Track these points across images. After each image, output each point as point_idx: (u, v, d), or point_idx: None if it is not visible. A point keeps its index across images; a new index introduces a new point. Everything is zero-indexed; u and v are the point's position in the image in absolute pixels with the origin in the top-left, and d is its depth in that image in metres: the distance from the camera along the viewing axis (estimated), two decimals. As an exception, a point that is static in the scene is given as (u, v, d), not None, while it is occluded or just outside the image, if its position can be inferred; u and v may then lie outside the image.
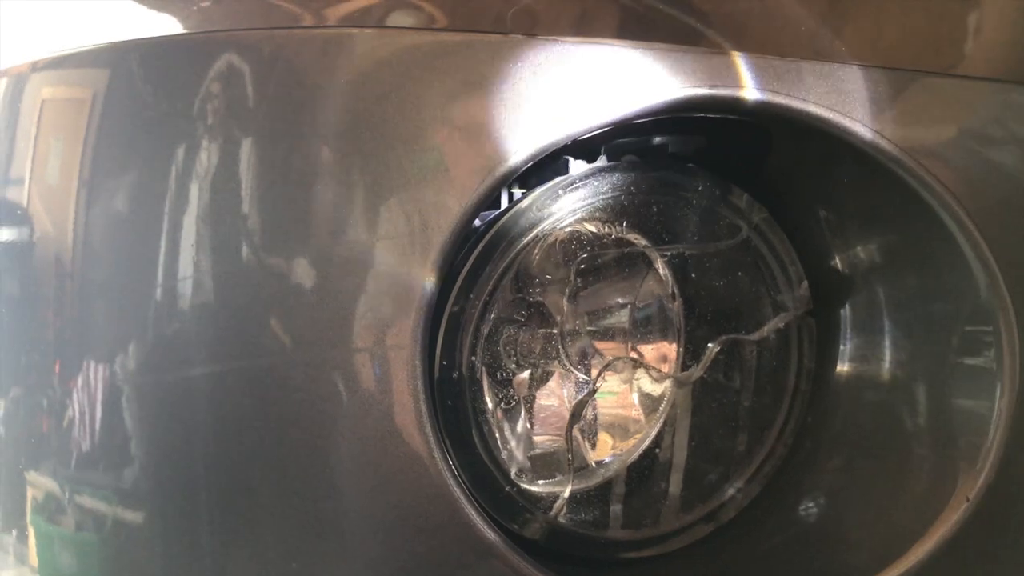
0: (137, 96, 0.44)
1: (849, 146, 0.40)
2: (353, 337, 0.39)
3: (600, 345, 0.44)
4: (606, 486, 0.43)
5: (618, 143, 0.42)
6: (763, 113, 0.40)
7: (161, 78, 0.43)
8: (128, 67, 0.44)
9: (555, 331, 0.43)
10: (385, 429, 0.39)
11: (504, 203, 0.43)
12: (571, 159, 0.42)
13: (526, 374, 0.44)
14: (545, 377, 0.44)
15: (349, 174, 0.40)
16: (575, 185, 0.41)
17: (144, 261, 0.44)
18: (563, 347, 0.43)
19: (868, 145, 0.40)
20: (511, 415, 0.44)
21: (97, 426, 0.47)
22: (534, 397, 0.45)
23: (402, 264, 0.38)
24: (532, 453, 0.44)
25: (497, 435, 0.43)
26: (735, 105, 0.38)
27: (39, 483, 0.52)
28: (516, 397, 0.44)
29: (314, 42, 0.40)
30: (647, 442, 0.45)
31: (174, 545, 0.45)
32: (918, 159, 0.40)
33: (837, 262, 0.47)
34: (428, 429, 0.38)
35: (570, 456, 0.43)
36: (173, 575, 0.44)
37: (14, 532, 0.54)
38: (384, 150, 0.39)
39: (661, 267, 0.41)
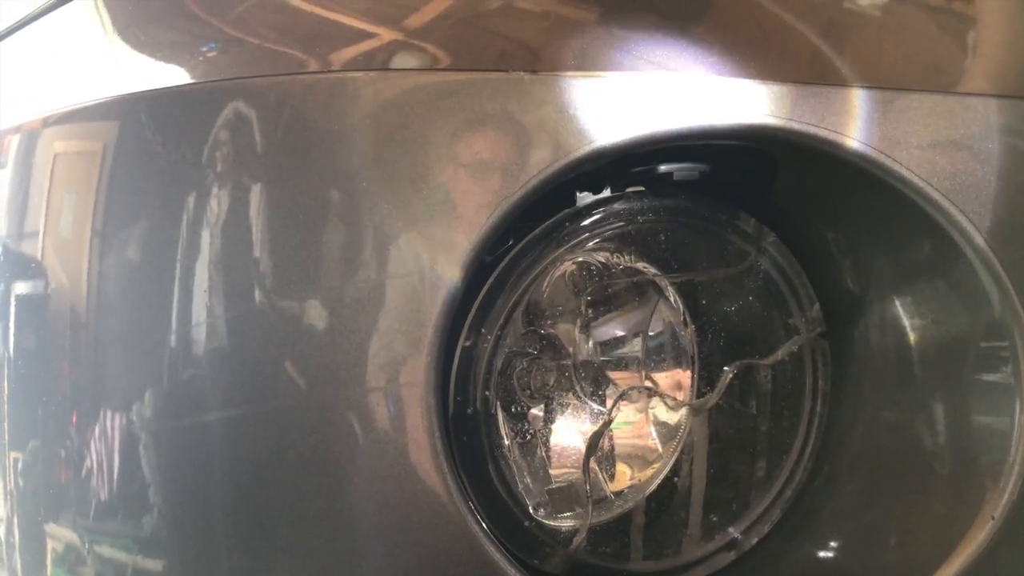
0: (146, 147, 0.45)
1: (854, 168, 0.40)
2: (366, 376, 0.39)
3: (614, 375, 0.44)
4: (626, 517, 0.43)
5: (623, 174, 0.42)
6: (767, 138, 0.40)
7: (169, 128, 0.44)
8: (137, 118, 0.45)
9: (568, 363, 0.43)
10: (401, 468, 0.39)
11: (513, 238, 0.43)
12: (577, 192, 0.42)
13: (541, 407, 0.44)
14: (560, 410, 0.44)
15: (358, 215, 0.40)
16: (582, 217, 0.41)
17: (157, 309, 0.44)
18: (576, 378, 0.43)
19: (873, 166, 0.40)
20: (527, 449, 0.44)
21: (115, 475, 0.47)
22: (550, 430, 0.44)
23: (413, 302, 0.38)
24: (550, 487, 0.44)
25: (514, 469, 0.43)
26: (738, 132, 0.39)
27: (58, 534, 0.52)
28: (532, 431, 0.44)
29: (319, 87, 0.40)
30: (665, 471, 0.45)
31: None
32: (925, 178, 0.40)
33: (848, 282, 0.47)
34: (444, 466, 0.38)
35: (587, 488, 0.43)
36: None
37: (35, 585, 0.54)
38: (392, 190, 0.39)
39: (672, 295, 0.41)
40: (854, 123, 0.39)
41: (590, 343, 0.43)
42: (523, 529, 0.41)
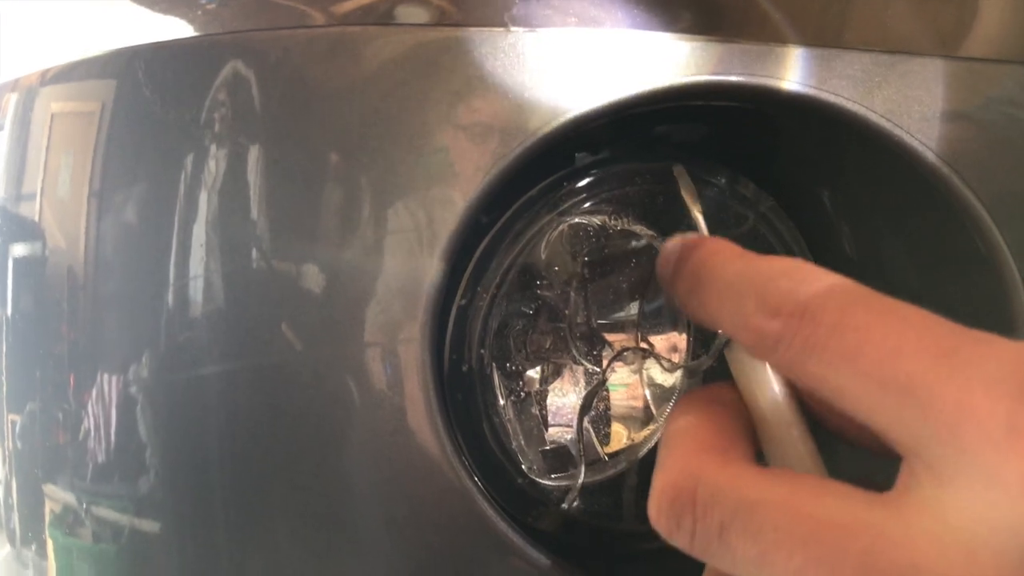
0: (144, 105, 0.44)
1: (855, 132, 0.40)
2: (362, 333, 0.39)
3: (610, 337, 0.44)
4: (619, 478, 0.43)
5: (622, 135, 0.42)
6: (766, 101, 0.40)
7: (168, 85, 0.44)
8: (134, 75, 0.44)
9: (564, 324, 0.43)
10: (396, 424, 0.38)
11: (511, 198, 0.43)
12: (576, 154, 0.42)
13: (537, 369, 0.44)
14: (556, 371, 0.44)
15: (356, 173, 0.40)
16: (580, 177, 0.41)
17: (155, 269, 0.44)
18: (572, 339, 0.42)
19: (874, 131, 0.40)
20: (522, 409, 0.44)
21: (112, 436, 0.47)
22: (546, 392, 0.44)
23: (409, 259, 0.38)
24: (545, 448, 0.44)
25: (508, 428, 0.43)
26: (738, 93, 0.38)
27: (56, 496, 0.52)
28: (527, 390, 0.44)
29: (320, 42, 0.40)
30: (659, 433, 0.45)
31: (190, 548, 0.45)
32: (925, 143, 0.40)
33: (846, 248, 0.47)
34: (439, 422, 0.38)
35: (581, 446, 0.43)
36: (189, 563, 0.44)
37: (33, 546, 0.55)
38: (390, 148, 0.39)
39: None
40: (855, 87, 0.38)
41: (586, 305, 0.42)
42: (516, 487, 0.41)
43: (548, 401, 0.44)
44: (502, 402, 0.42)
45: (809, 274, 0.26)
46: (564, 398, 0.44)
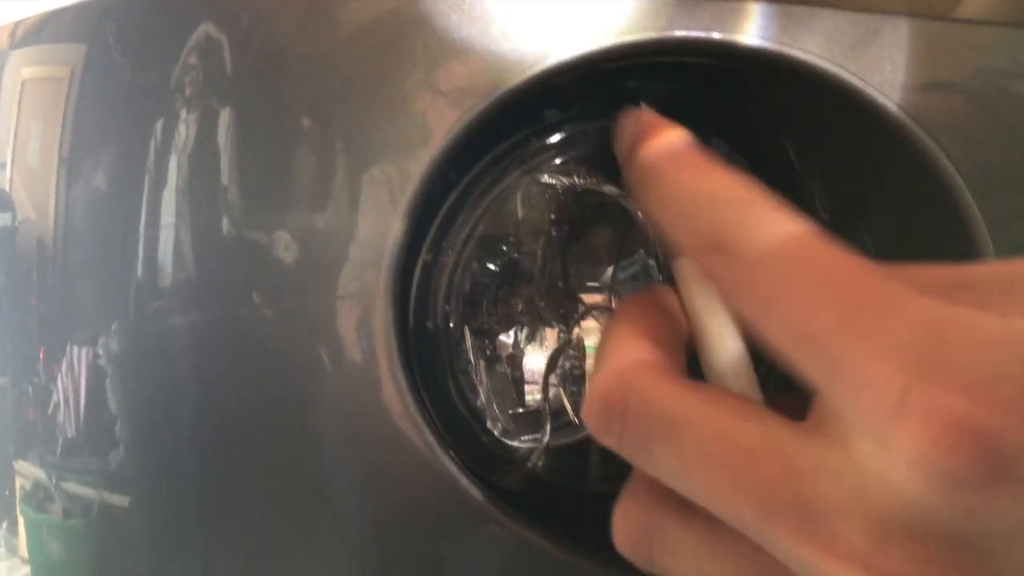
0: (114, 68, 0.44)
1: (830, 93, 0.40)
2: (328, 291, 0.39)
3: (586, 299, 0.44)
4: (587, 439, 0.43)
5: (593, 92, 0.41)
6: (738, 58, 0.39)
7: (137, 47, 0.43)
8: (105, 38, 0.44)
9: (533, 285, 0.42)
10: (358, 378, 0.38)
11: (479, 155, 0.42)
12: (546, 111, 0.41)
13: (511, 332, 0.44)
14: (531, 335, 0.44)
15: (329, 136, 0.40)
16: (549, 135, 0.40)
17: (124, 238, 0.44)
18: (540, 299, 0.42)
19: (849, 92, 0.39)
20: (488, 368, 0.43)
21: (82, 411, 0.47)
22: (520, 355, 0.44)
23: (375, 217, 0.38)
24: (517, 411, 0.43)
25: (480, 389, 0.42)
26: (707, 49, 0.38)
27: (27, 472, 0.52)
28: (492, 349, 0.44)
29: (295, 3, 0.39)
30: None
31: (160, 521, 0.45)
32: (900, 106, 0.40)
33: (821, 214, 0.46)
34: (401, 378, 0.38)
35: (546, 407, 0.43)
36: (159, 537, 0.44)
37: (4, 523, 0.54)
38: (365, 111, 0.39)
39: (640, 218, 0.40)
40: (829, 46, 0.38)
41: (556, 265, 0.42)
42: (481, 445, 0.41)
43: (523, 364, 0.43)
44: (470, 361, 0.41)
45: (758, 214, 0.26)
46: (531, 359, 0.43)
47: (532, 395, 0.44)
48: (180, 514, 0.44)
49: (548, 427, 0.42)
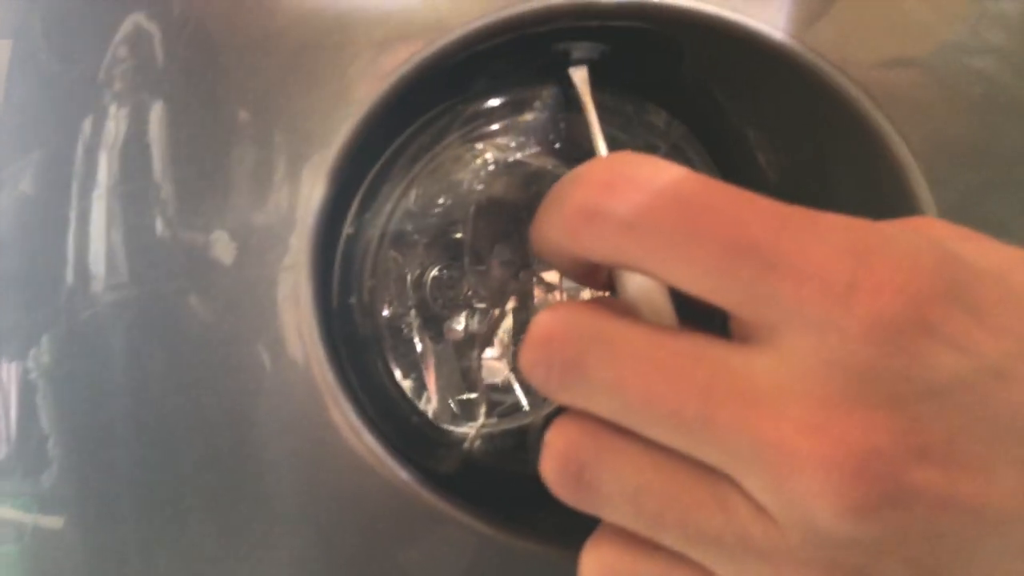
0: (40, 64, 0.42)
1: (777, 62, 0.39)
2: (254, 267, 0.38)
3: (511, 271, 0.42)
4: (530, 423, 0.41)
5: (522, 59, 0.40)
6: (680, 23, 0.38)
7: (63, 41, 0.42)
8: (30, 33, 0.42)
9: (464, 261, 0.41)
10: (278, 353, 0.38)
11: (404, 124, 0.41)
12: (475, 78, 0.40)
13: (462, 317, 0.42)
14: (453, 307, 0.42)
15: (268, 132, 0.39)
16: (474, 103, 0.39)
17: (54, 244, 0.42)
18: (471, 275, 0.41)
19: (796, 60, 0.39)
20: (441, 358, 0.42)
21: (12, 429, 0.45)
22: (441, 327, 0.43)
23: (297, 183, 0.38)
24: (461, 398, 0.42)
25: (423, 370, 0.41)
26: (643, 14, 0.38)
27: (-43, 498, 0.49)
28: (447, 338, 0.42)
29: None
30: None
31: (95, 542, 0.43)
32: (863, 85, 0.39)
33: (767, 178, 0.45)
34: (322, 354, 0.37)
35: (482, 385, 0.42)
36: (95, 560, 0.43)
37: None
38: (304, 100, 0.37)
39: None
40: (781, 14, 0.37)
41: (486, 237, 0.41)
42: (412, 426, 0.40)
43: (445, 338, 0.42)
44: (401, 336, 0.40)
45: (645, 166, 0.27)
46: (462, 336, 0.42)
47: (456, 367, 0.43)
48: (117, 535, 0.42)
49: (483, 411, 0.41)
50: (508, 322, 0.42)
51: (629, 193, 0.25)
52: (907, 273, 0.23)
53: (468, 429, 0.42)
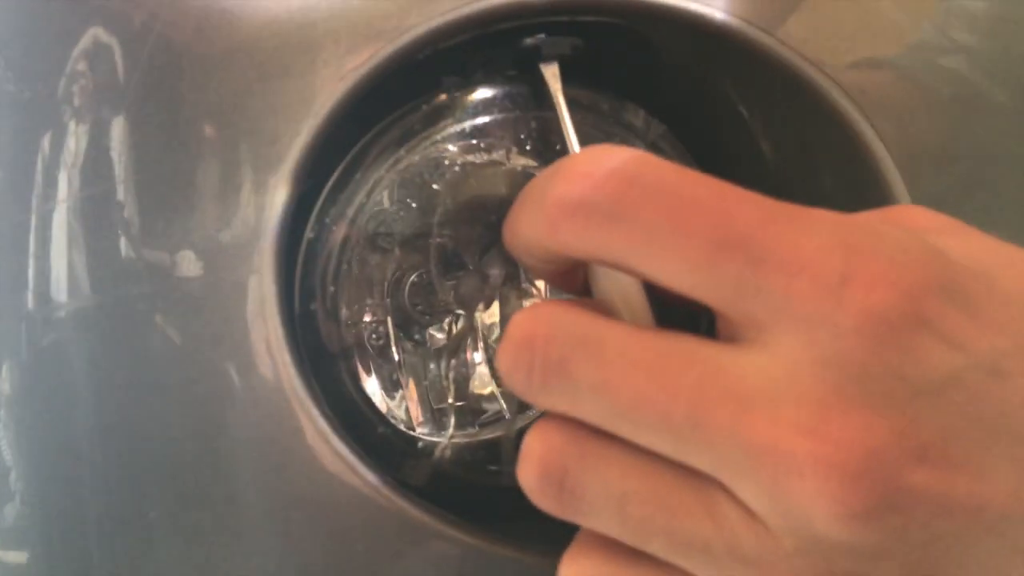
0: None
1: (752, 57, 0.39)
2: (219, 280, 0.37)
3: (487, 277, 0.42)
4: (504, 434, 0.40)
5: (492, 56, 0.40)
6: (650, 17, 0.38)
7: (21, 57, 0.40)
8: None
9: (430, 266, 0.40)
10: (241, 359, 0.37)
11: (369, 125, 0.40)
12: (443, 78, 0.40)
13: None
14: (422, 313, 0.41)
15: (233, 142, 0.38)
16: (442, 102, 0.38)
17: (14, 268, 0.41)
18: (438, 279, 0.40)
19: (766, 51, 0.39)
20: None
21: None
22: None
23: (263, 191, 0.37)
24: (441, 406, 0.41)
25: (400, 379, 0.40)
26: (614, 9, 0.37)
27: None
28: (428, 346, 0.41)
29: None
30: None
31: (60, 565, 0.42)
32: (819, 67, 0.39)
33: (750, 176, 0.45)
34: (287, 359, 0.36)
35: (450, 394, 0.41)
36: None
37: None
38: (269, 113, 0.37)
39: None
40: (751, 8, 0.37)
41: (456, 241, 0.40)
42: (378, 435, 0.39)
43: (414, 345, 0.41)
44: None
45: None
46: (435, 344, 0.41)
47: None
48: (83, 564, 0.41)
49: (453, 419, 0.40)
50: (492, 328, 0.41)
51: (612, 185, 0.24)
52: (900, 268, 0.22)
53: (440, 439, 0.41)
